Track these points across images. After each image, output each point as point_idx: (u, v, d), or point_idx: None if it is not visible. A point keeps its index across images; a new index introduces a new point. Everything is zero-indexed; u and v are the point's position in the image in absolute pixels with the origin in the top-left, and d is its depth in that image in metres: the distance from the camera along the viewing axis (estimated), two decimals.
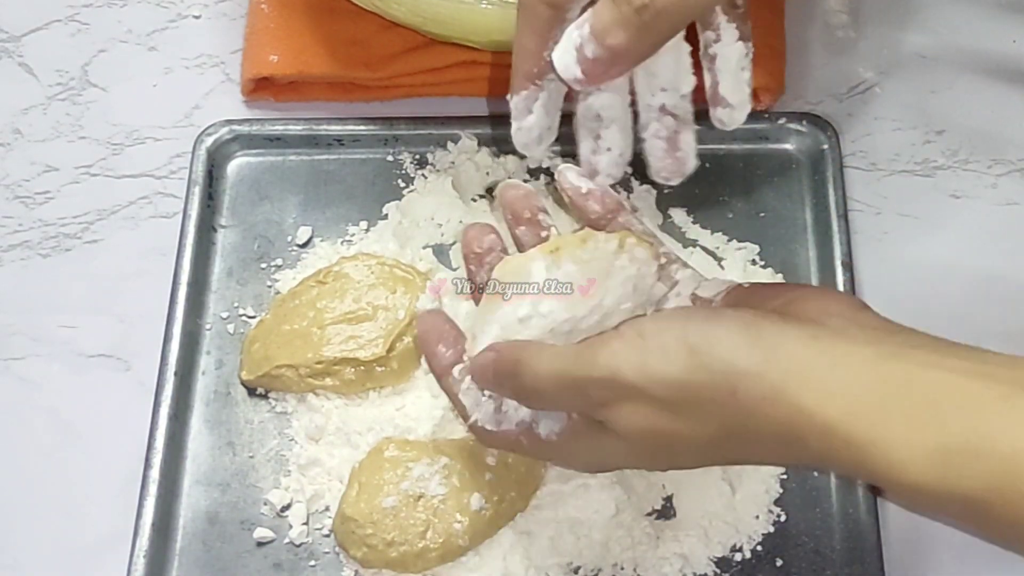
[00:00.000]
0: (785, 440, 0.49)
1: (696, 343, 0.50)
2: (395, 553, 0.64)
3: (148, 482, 0.67)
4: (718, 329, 0.51)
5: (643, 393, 0.51)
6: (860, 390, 0.48)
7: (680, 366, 0.50)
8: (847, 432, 0.47)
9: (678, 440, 0.52)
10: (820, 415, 0.48)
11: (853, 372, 0.48)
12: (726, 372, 0.50)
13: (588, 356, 0.53)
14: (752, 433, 0.50)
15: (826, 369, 0.48)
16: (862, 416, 0.47)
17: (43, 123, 0.82)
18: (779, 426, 0.49)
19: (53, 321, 0.75)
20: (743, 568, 0.65)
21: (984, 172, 0.78)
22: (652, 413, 0.52)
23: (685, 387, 0.51)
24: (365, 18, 0.78)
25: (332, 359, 0.69)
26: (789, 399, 0.48)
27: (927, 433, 0.46)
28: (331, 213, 0.77)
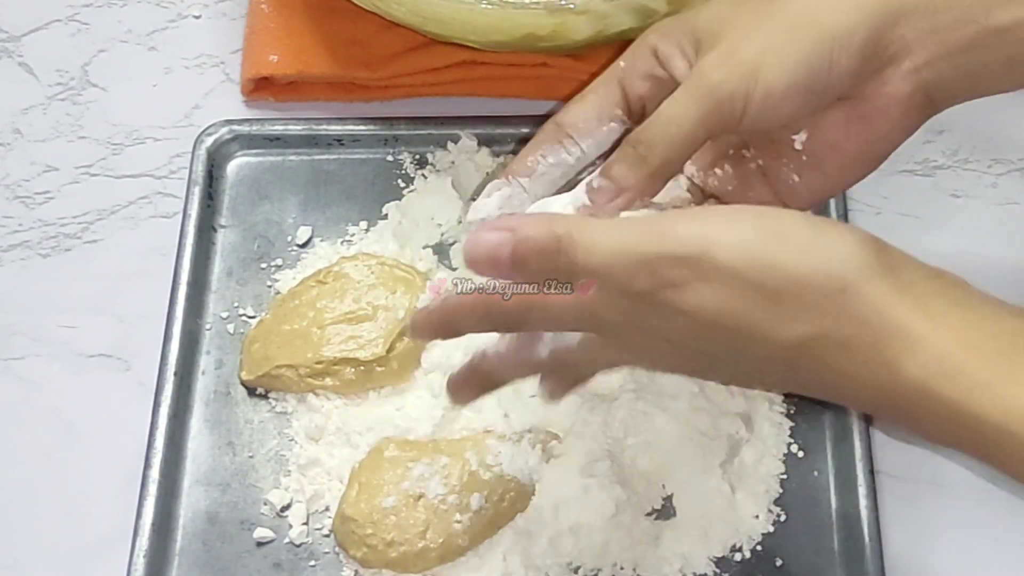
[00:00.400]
0: (873, 362, 0.46)
1: (817, 235, 0.47)
2: (395, 553, 0.64)
3: (148, 482, 0.67)
4: (843, 230, 0.48)
5: (736, 276, 0.46)
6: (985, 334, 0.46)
7: (793, 253, 0.47)
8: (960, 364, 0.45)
9: (757, 336, 0.47)
10: (930, 340, 0.45)
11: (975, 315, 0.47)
12: (843, 269, 0.46)
13: (667, 230, 0.48)
14: (844, 346, 0.46)
15: (948, 306, 0.46)
16: (980, 357, 0.45)
17: (43, 123, 0.82)
18: (875, 343, 0.46)
19: (53, 321, 0.75)
20: (743, 568, 0.65)
21: (984, 172, 0.78)
22: (738, 298, 0.47)
23: (792, 274, 0.46)
24: (365, 18, 0.78)
25: (332, 359, 0.69)
26: (899, 317, 0.46)
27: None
28: (331, 213, 0.77)
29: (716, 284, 0.47)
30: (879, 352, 0.46)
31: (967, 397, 0.45)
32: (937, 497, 0.67)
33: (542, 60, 0.79)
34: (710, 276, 0.47)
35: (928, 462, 0.68)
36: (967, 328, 0.46)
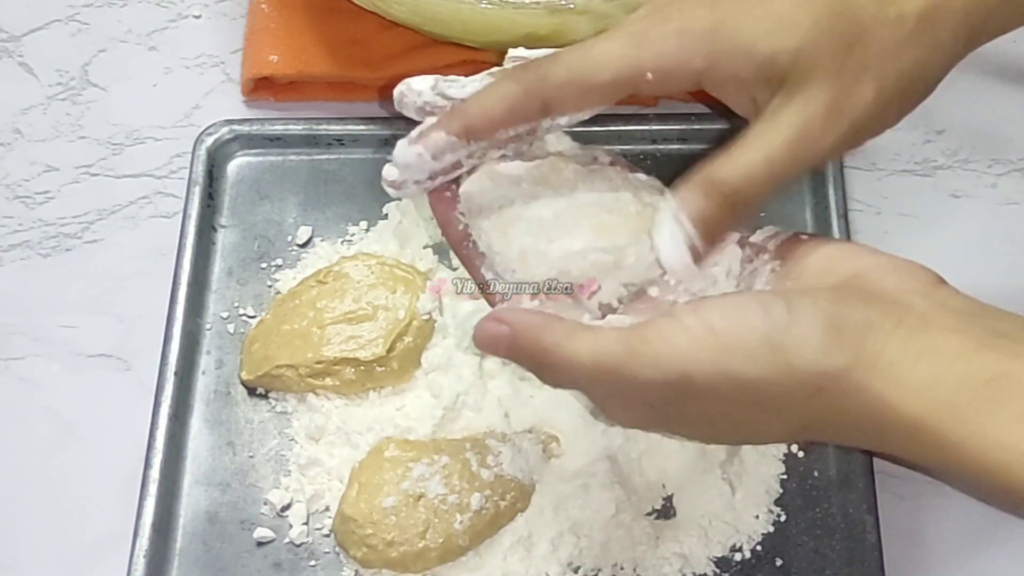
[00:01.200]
0: (867, 432, 0.48)
1: (780, 342, 0.48)
2: (395, 553, 0.64)
3: (148, 482, 0.67)
4: (802, 327, 0.48)
5: (715, 392, 0.49)
6: (949, 386, 0.46)
7: (762, 366, 0.48)
8: (935, 429, 0.46)
9: (749, 429, 0.51)
10: (906, 411, 0.47)
11: (941, 365, 0.47)
12: (813, 372, 0.48)
13: (646, 352, 0.49)
14: (832, 425, 0.49)
15: (912, 362, 0.47)
16: (950, 413, 0.46)
17: (43, 123, 0.82)
18: (863, 419, 0.48)
19: (53, 321, 0.75)
20: (743, 568, 0.65)
21: (984, 172, 0.78)
22: (724, 410, 0.50)
23: (766, 387, 0.48)
24: (365, 18, 0.78)
25: (332, 359, 0.69)
26: (875, 394, 0.47)
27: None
28: (331, 213, 0.77)
29: (701, 400, 0.50)
30: (864, 429, 0.49)
31: (948, 456, 0.47)
32: (937, 497, 0.67)
33: None
34: (695, 396, 0.49)
35: None
36: (935, 388, 0.47)
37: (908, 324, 0.48)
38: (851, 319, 0.48)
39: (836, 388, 0.48)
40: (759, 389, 0.49)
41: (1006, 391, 0.46)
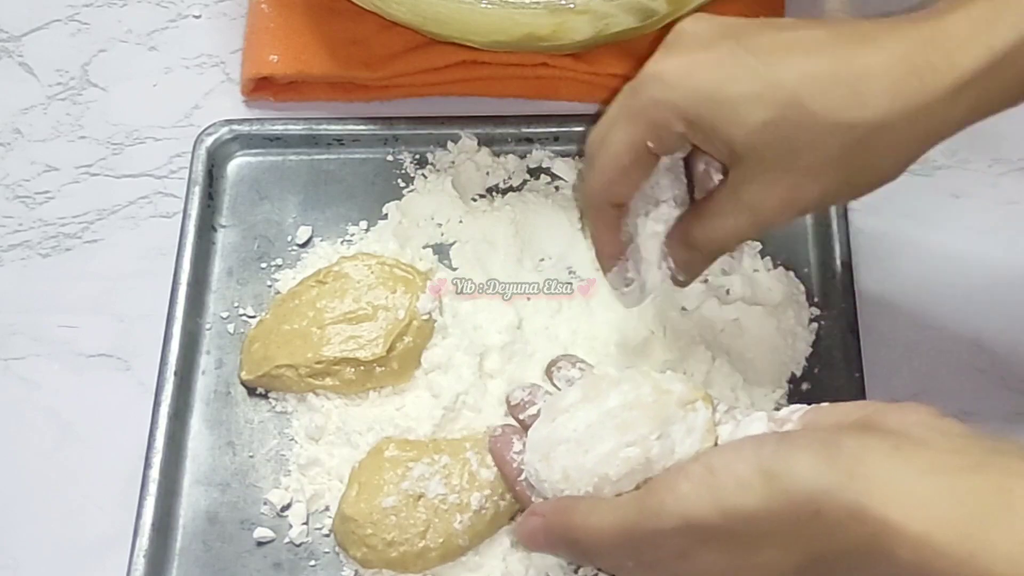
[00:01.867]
0: (874, 556, 0.47)
1: (771, 468, 0.49)
2: (395, 553, 0.64)
3: (148, 482, 0.67)
4: (794, 451, 0.49)
5: (720, 533, 0.50)
6: (951, 502, 0.46)
7: (758, 495, 0.49)
8: (941, 544, 0.45)
9: (766, 571, 0.51)
10: (910, 528, 0.46)
11: (942, 483, 0.46)
12: (808, 493, 0.48)
13: (653, 505, 0.51)
14: (838, 553, 0.48)
15: (912, 480, 0.47)
16: (956, 528, 0.45)
17: (43, 123, 0.82)
18: (866, 542, 0.47)
19: (53, 321, 0.75)
20: None
21: (984, 171, 0.78)
22: (732, 553, 0.50)
23: (766, 517, 0.49)
24: (365, 18, 0.78)
25: (332, 359, 0.69)
26: (875, 513, 0.46)
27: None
28: (331, 213, 0.77)
29: (711, 546, 0.51)
30: (869, 555, 0.48)
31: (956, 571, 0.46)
32: None
33: (542, 60, 0.79)
34: (703, 537, 0.51)
35: None
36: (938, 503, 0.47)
37: (905, 447, 0.48)
38: (846, 444, 0.49)
39: (833, 507, 0.47)
40: (758, 521, 0.49)
41: (1011, 505, 0.45)
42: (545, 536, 0.56)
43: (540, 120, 0.78)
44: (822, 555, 0.49)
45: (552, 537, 0.56)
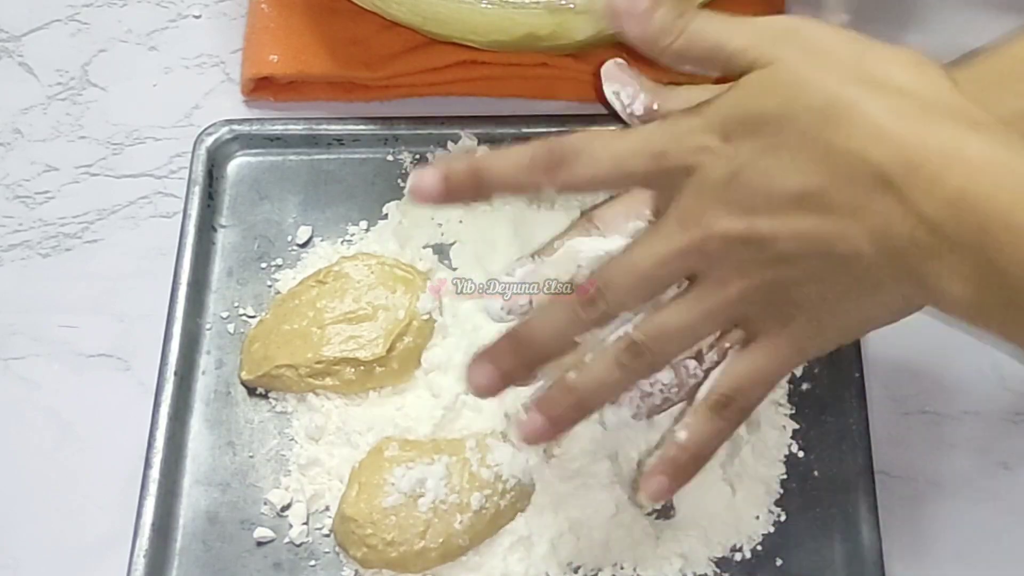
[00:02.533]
0: (947, 234, 0.48)
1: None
2: (395, 553, 0.64)
3: (148, 482, 0.67)
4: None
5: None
6: None
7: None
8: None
9: (842, 222, 0.50)
10: (984, 196, 0.47)
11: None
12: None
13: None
14: (912, 232, 0.49)
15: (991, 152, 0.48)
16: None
17: (43, 123, 0.82)
18: (945, 211, 0.48)
19: (53, 321, 0.75)
20: (743, 568, 0.65)
21: None
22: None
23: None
24: (365, 18, 0.78)
25: (332, 359, 0.69)
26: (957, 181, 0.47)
27: None
28: (331, 213, 0.77)
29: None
30: (944, 228, 0.48)
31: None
32: (937, 497, 0.67)
33: (542, 60, 0.79)
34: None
35: (928, 462, 0.68)
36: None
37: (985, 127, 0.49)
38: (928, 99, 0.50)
39: (921, 157, 0.48)
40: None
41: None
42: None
43: (540, 120, 0.78)
44: (893, 232, 0.49)
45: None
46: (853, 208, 0.49)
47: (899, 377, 0.71)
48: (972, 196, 0.47)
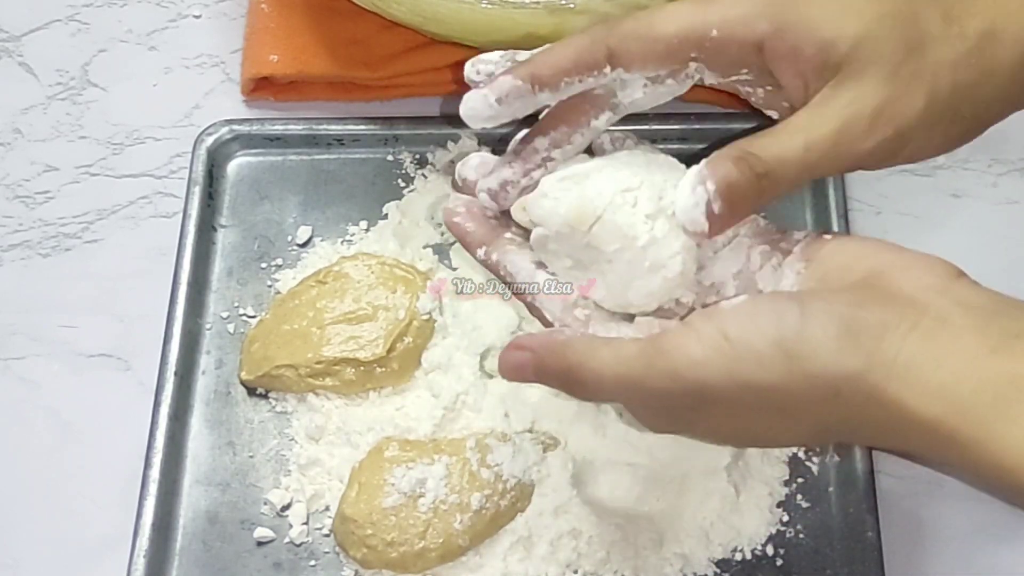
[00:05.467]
0: (886, 434, 0.49)
1: (793, 349, 0.48)
2: (395, 553, 0.64)
3: (148, 482, 0.67)
4: (816, 331, 0.48)
5: (733, 400, 0.49)
6: (966, 388, 0.46)
7: (778, 374, 0.48)
8: (953, 431, 0.46)
9: (770, 434, 0.51)
10: (924, 413, 0.47)
11: (958, 368, 0.47)
12: (828, 378, 0.48)
13: (663, 366, 0.50)
14: (852, 428, 0.49)
15: (931, 366, 0.47)
16: (969, 416, 0.46)
17: (43, 123, 0.82)
18: (881, 422, 0.48)
19: (53, 321, 0.75)
20: (743, 568, 0.65)
21: (984, 171, 0.78)
22: (744, 417, 0.50)
23: (783, 392, 0.49)
24: (365, 18, 0.78)
25: (332, 359, 0.69)
26: (892, 398, 0.47)
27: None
28: (331, 213, 0.77)
29: (723, 408, 0.50)
30: (883, 431, 0.49)
31: (966, 457, 0.47)
32: (937, 497, 0.67)
33: None
34: (715, 404, 0.50)
35: None
36: (952, 390, 0.47)
37: (924, 326, 0.48)
38: (866, 321, 0.48)
39: (852, 391, 0.48)
40: (775, 396, 0.49)
41: (1022, 393, 0.46)
42: (537, 374, 0.53)
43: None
44: (835, 427, 0.49)
45: (546, 375, 0.53)
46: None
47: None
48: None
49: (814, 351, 0.48)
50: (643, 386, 0.50)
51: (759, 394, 0.49)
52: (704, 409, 0.51)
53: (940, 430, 0.47)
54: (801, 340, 0.48)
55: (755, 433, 0.52)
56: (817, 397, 0.48)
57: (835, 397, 0.48)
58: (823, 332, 0.48)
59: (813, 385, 0.48)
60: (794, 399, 0.49)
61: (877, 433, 0.49)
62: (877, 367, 0.47)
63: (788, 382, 0.48)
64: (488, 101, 0.55)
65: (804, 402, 0.49)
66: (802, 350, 0.48)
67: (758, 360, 0.48)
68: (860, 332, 0.48)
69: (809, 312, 0.49)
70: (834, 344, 0.48)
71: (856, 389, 0.48)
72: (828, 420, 0.49)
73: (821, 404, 0.49)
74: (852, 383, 0.48)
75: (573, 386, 0.53)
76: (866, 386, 0.47)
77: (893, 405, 0.47)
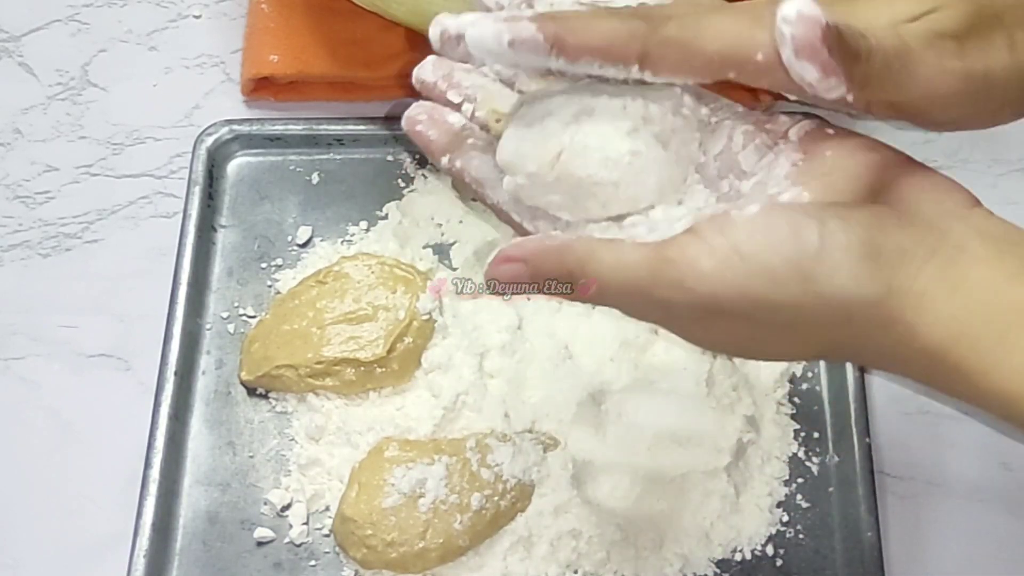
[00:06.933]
0: (892, 359, 0.48)
1: (810, 269, 0.47)
2: (395, 554, 0.64)
3: (148, 482, 0.67)
4: (834, 253, 0.47)
5: (743, 315, 0.48)
6: (977, 317, 0.46)
7: (791, 293, 0.47)
8: (960, 359, 0.46)
9: (777, 350, 0.50)
10: (933, 341, 0.46)
11: (973, 299, 0.46)
12: (843, 301, 0.47)
13: (670, 275, 0.48)
14: (856, 349, 0.49)
15: (946, 295, 0.46)
16: (977, 344, 0.46)
17: (43, 123, 0.82)
18: (889, 347, 0.47)
19: (53, 321, 0.75)
20: (743, 568, 0.65)
21: (984, 172, 0.78)
22: (751, 331, 0.49)
23: (794, 311, 0.47)
24: (365, 18, 0.78)
25: (332, 359, 0.69)
26: (905, 325, 0.47)
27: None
28: (331, 213, 0.77)
29: (728, 322, 0.49)
30: (889, 357, 0.48)
31: (971, 385, 0.47)
32: (937, 497, 0.68)
33: None
34: (721, 318, 0.48)
35: (928, 462, 0.68)
36: (963, 319, 0.46)
37: (943, 253, 0.47)
38: (885, 247, 0.47)
39: (866, 317, 0.47)
40: (786, 314, 0.48)
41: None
42: (533, 280, 0.50)
43: None
44: (841, 347, 0.49)
45: (542, 278, 0.50)
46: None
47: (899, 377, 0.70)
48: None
49: (831, 274, 0.47)
50: (648, 295, 0.49)
51: (770, 311, 0.48)
52: (709, 320, 0.49)
53: (947, 358, 0.46)
54: (818, 261, 0.47)
55: (758, 347, 0.50)
56: (829, 320, 0.47)
57: (847, 321, 0.47)
58: (842, 255, 0.47)
59: (827, 307, 0.47)
60: (805, 319, 0.48)
61: (883, 357, 0.49)
62: (894, 294, 0.47)
63: (801, 302, 0.47)
64: (500, 38, 0.49)
65: (815, 323, 0.48)
66: (819, 272, 0.47)
67: (772, 278, 0.47)
68: (879, 258, 0.47)
69: (827, 231, 0.47)
70: (852, 269, 0.47)
71: (870, 315, 0.47)
72: (836, 341, 0.48)
73: (832, 326, 0.48)
74: (867, 309, 0.47)
75: (572, 287, 0.50)
76: (880, 313, 0.47)
77: (905, 332, 0.47)
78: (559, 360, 0.70)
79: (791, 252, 0.47)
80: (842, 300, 0.47)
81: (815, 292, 0.47)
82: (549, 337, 0.71)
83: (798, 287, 0.47)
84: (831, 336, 0.48)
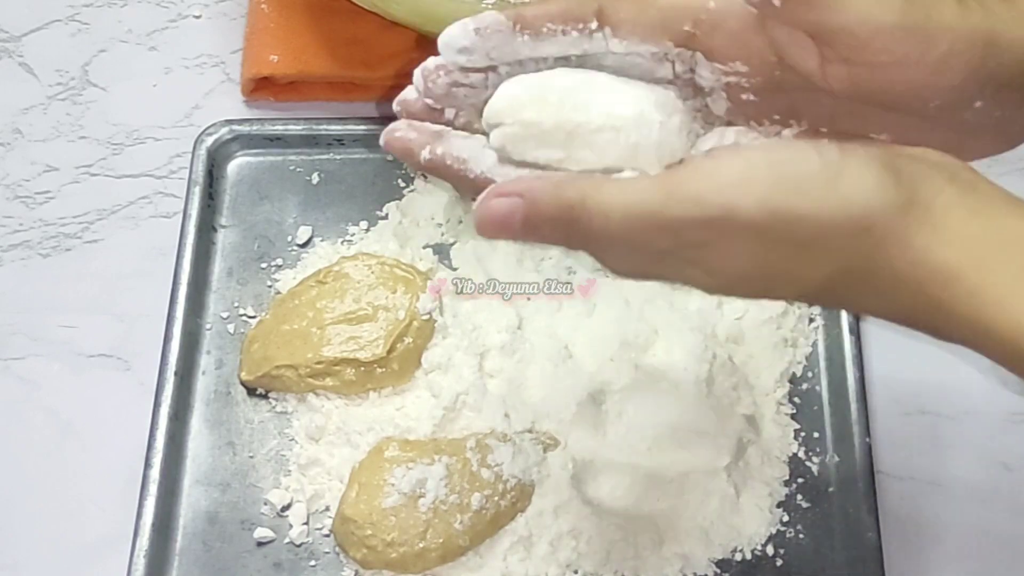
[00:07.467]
0: (902, 284, 0.47)
1: (835, 176, 0.46)
2: (395, 554, 0.64)
3: (148, 482, 0.67)
4: (858, 165, 0.46)
5: (758, 230, 0.46)
6: (994, 242, 0.46)
7: (814, 200, 0.46)
8: (973, 284, 0.45)
9: (784, 278, 0.48)
10: (948, 260, 0.46)
11: (994, 224, 0.46)
12: (865, 207, 0.46)
13: (686, 189, 0.46)
14: (869, 275, 0.47)
15: (964, 216, 0.46)
16: (992, 270, 0.45)
17: (43, 123, 0.82)
18: (902, 267, 0.46)
19: (53, 321, 0.75)
20: (743, 568, 0.65)
21: (984, 172, 0.78)
22: (764, 253, 0.47)
23: (814, 222, 0.46)
24: (365, 18, 0.78)
25: (332, 359, 0.69)
26: (922, 239, 0.46)
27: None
28: (331, 213, 0.77)
29: (741, 242, 0.47)
30: (899, 280, 0.47)
31: (981, 313, 0.46)
32: (937, 497, 0.67)
33: None
34: (735, 235, 0.47)
35: (928, 462, 0.68)
36: (982, 244, 0.46)
37: (960, 183, 0.47)
38: (907, 168, 0.47)
39: (885, 229, 0.46)
40: (804, 227, 0.46)
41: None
42: (527, 219, 0.47)
43: None
44: (854, 274, 0.47)
45: (540, 218, 0.47)
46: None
47: (899, 377, 0.71)
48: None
49: (856, 181, 0.46)
50: (658, 217, 0.46)
51: (788, 224, 0.46)
52: (722, 243, 0.47)
53: (961, 283, 0.46)
54: (843, 168, 0.46)
55: (765, 276, 0.48)
56: (847, 230, 0.46)
57: (864, 233, 0.46)
58: (866, 166, 0.47)
59: (848, 216, 0.46)
60: (823, 232, 0.46)
61: (888, 285, 0.47)
62: (915, 207, 0.46)
63: (822, 211, 0.46)
64: (467, 28, 0.50)
65: (831, 236, 0.47)
66: (844, 177, 0.46)
67: (796, 185, 0.46)
68: (901, 172, 0.47)
69: (847, 149, 0.47)
70: (877, 176, 0.46)
71: (890, 227, 0.46)
72: (849, 261, 0.47)
73: (848, 239, 0.47)
74: (887, 219, 0.46)
75: (572, 228, 0.47)
76: (899, 225, 0.46)
77: (921, 249, 0.46)
78: (559, 360, 0.70)
79: (816, 162, 0.46)
80: (864, 207, 0.46)
81: (838, 198, 0.46)
82: (549, 337, 0.71)
83: (822, 193, 0.46)
84: (843, 256, 0.47)
